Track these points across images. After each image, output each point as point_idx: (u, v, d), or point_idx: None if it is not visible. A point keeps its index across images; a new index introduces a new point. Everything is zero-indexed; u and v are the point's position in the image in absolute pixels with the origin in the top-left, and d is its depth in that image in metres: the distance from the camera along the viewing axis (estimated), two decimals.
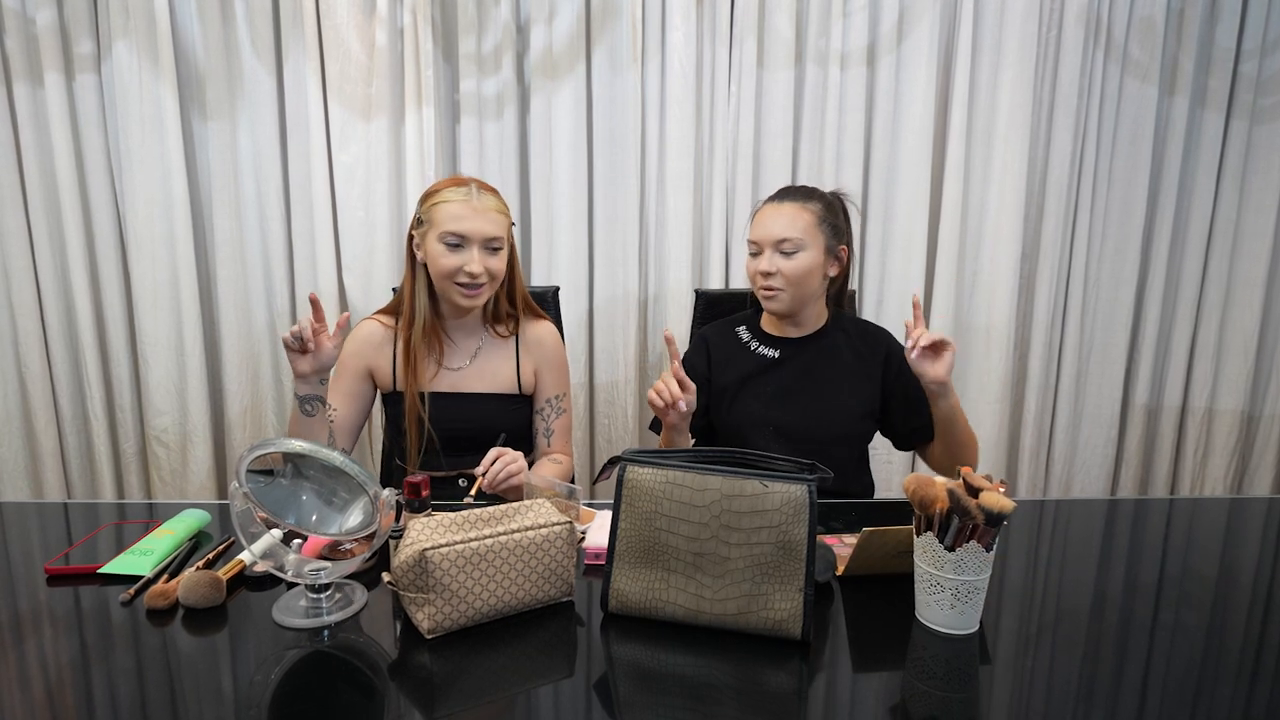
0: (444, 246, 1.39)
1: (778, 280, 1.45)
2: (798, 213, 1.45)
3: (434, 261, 1.41)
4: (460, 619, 0.94)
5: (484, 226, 1.39)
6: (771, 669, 0.88)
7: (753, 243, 1.48)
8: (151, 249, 2.12)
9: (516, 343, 1.54)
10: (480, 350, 1.52)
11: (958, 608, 0.93)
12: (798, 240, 1.43)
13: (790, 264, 1.44)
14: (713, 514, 0.94)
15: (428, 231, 1.41)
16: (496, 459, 1.29)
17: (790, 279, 1.45)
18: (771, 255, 1.45)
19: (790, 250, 1.44)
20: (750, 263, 1.50)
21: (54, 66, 2.03)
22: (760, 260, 1.46)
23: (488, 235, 1.40)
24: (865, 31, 2.13)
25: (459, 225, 1.38)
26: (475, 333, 1.52)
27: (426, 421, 1.46)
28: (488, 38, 2.11)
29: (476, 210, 1.39)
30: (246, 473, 0.96)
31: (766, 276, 1.46)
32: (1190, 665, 0.90)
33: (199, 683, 0.86)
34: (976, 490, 0.92)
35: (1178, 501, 1.53)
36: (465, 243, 1.39)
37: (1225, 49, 2.21)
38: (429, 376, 1.48)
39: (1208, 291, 2.36)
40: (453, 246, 1.39)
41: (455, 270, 1.39)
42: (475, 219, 1.39)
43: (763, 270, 1.46)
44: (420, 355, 1.46)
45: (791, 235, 1.43)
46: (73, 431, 2.26)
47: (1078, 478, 2.45)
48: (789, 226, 1.44)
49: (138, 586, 1.03)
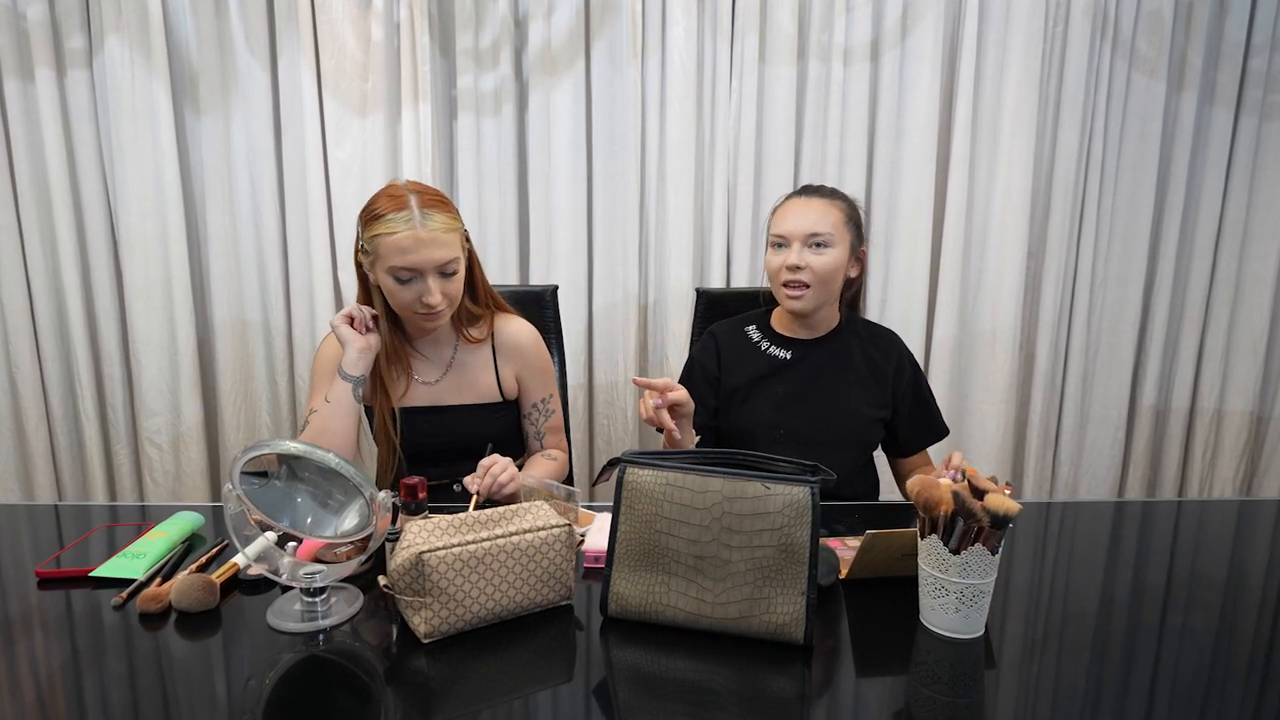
0: (394, 281, 1.30)
1: (806, 275, 1.42)
2: (828, 208, 1.43)
3: (388, 293, 1.34)
4: (458, 623, 0.94)
5: (434, 254, 1.28)
6: (773, 674, 0.88)
7: (779, 236, 1.44)
8: (144, 246, 2.12)
9: (493, 348, 1.50)
10: (454, 360, 1.47)
11: (963, 612, 0.93)
12: (828, 235, 1.41)
13: (820, 259, 1.41)
14: (714, 516, 0.93)
15: (375, 262, 1.32)
16: (486, 473, 1.27)
17: (819, 275, 1.42)
18: (801, 249, 1.41)
19: (821, 245, 1.41)
20: (774, 257, 1.45)
21: (45, 62, 2.03)
22: (788, 253, 1.42)
23: (440, 262, 1.29)
24: (869, 26, 2.13)
25: (407, 259, 1.27)
26: (447, 343, 1.48)
27: (395, 440, 1.43)
28: (485, 33, 2.11)
29: (423, 239, 1.27)
30: (241, 474, 0.96)
31: (794, 271, 1.42)
32: (1199, 670, 0.90)
33: (192, 688, 0.86)
34: (982, 492, 0.92)
35: (1186, 504, 1.53)
36: (418, 275, 1.30)
37: (1234, 44, 2.20)
38: (399, 394, 1.44)
39: (1216, 290, 2.36)
40: (404, 281, 1.30)
41: (412, 302, 1.32)
42: (424, 249, 1.27)
43: (791, 264, 1.41)
44: (388, 376, 1.42)
45: (822, 230, 1.41)
46: (64, 432, 2.25)
47: (1084, 479, 2.45)
48: (820, 220, 1.41)
49: (130, 590, 1.03)
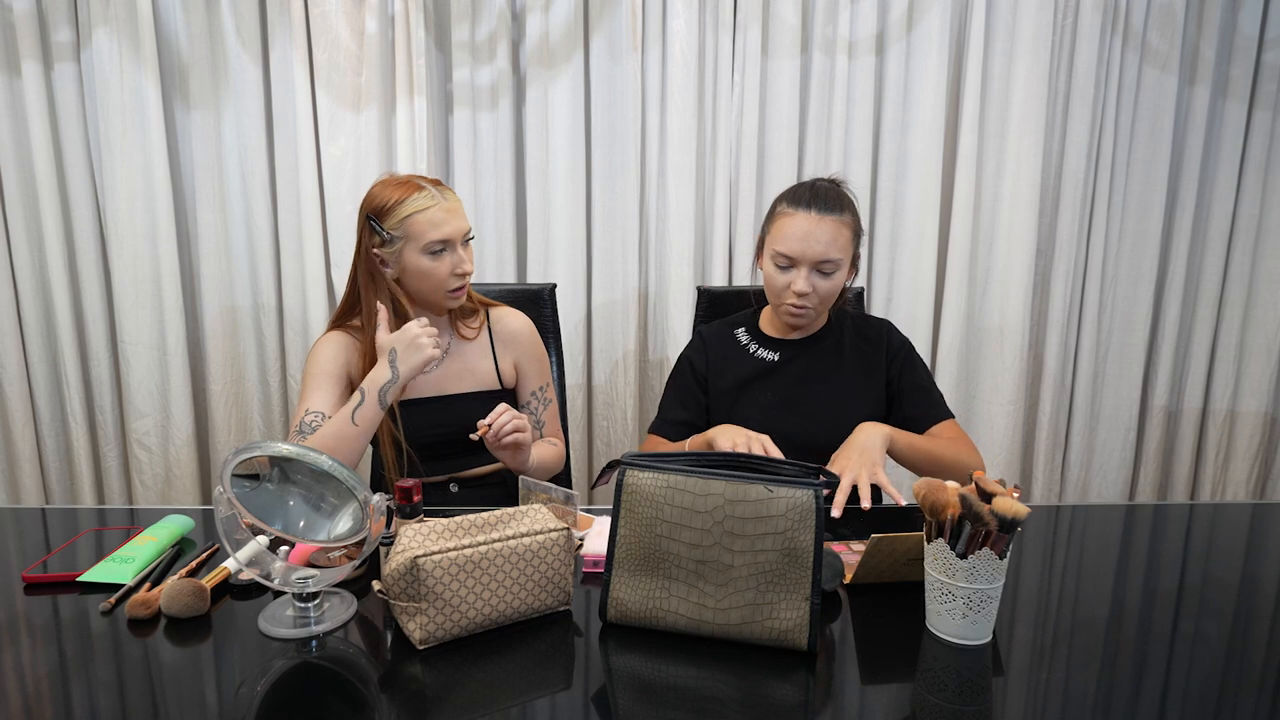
0: (429, 258, 1.38)
1: (812, 299, 1.41)
2: (839, 229, 1.39)
3: (420, 275, 1.40)
4: (453, 629, 0.94)
5: (461, 224, 1.41)
6: (777, 681, 0.88)
7: (785, 257, 1.40)
8: (133, 244, 2.12)
9: (490, 337, 1.54)
10: (450, 350, 1.51)
11: (970, 617, 0.93)
12: (838, 260, 1.39)
13: (828, 284, 1.41)
14: (715, 520, 0.94)
15: (404, 248, 1.38)
16: (504, 412, 1.31)
17: (825, 299, 1.42)
18: (810, 275, 1.40)
19: (830, 271, 1.40)
20: (778, 275, 1.42)
21: (31, 55, 2.03)
22: (794, 278, 1.40)
23: (465, 231, 1.42)
24: (874, 18, 2.13)
25: (442, 231, 1.37)
26: (442, 335, 1.50)
27: (401, 437, 1.44)
28: (482, 25, 2.11)
29: (450, 210, 1.39)
30: (232, 477, 0.96)
31: (801, 297, 1.41)
32: (1211, 677, 0.90)
33: (182, 695, 0.86)
34: (989, 495, 0.92)
35: (1198, 507, 1.53)
36: (449, 246, 1.39)
37: (1248, 37, 2.20)
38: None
39: (1230, 289, 2.36)
40: (438, 254, 1.38)
41: (446, 276, 1.40)
42: (453, 220, 1.39)
43: (799, 290, 1.40)
44: None
45: (833, 255, 1.38)
46: (51, 434, 2.25)
47: (1094, 482, 2.45)
48: (831, 245, 1.38)
49: (118, 595, 1.03)
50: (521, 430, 1.33)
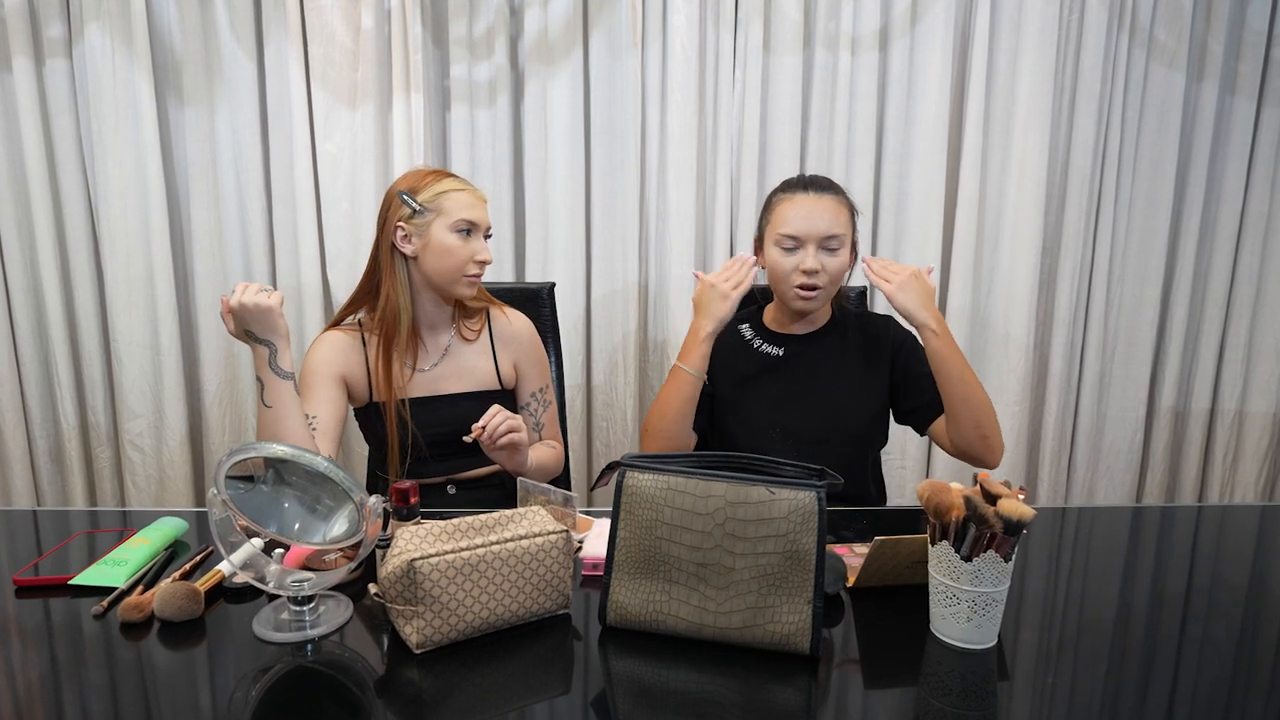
0: (457, 236, 1.42)
1: (822, 278, 1.43)
2: (838, 206, 1.44)
3: (444, 252, 1.42)
4: (451, 633, 0.94)
5: (487, 217, 1.47)
6: (779, 685, 0.88)
7: (790, 238, 1.43)
8: (125, 242, 2.12)
9: (491, 337, 1.55)
10: (450, 348, 1.52)
11: (974, 621, 0.93)
12: (842, 236, 1.43)
13: (835, 261, 1.44)
14: (716, 522, 0.94)
15: (432, 222, 1.41)
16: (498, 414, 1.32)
17: (834, 277, 1.45)
18: (817, 252, 1.43)
19: (835, 247, 1.43)
20: (785, 258, 1.45)
21: (22, 51, 2.03)
22: (803, 256, 1.43)
23: (489, 225, 1.48)
24: (877, 14, 2.13)
25: (472, 213, 1.43)
26: (444, 331, 1.53)
27: (411, 427, 1.46)
28: (479, 21, 2.11)
29: (481, 200, 1.46)
30: (226, 479, 0.96)
31: (810, 275, 1.43)
32: (1219, 681, 0.90)
33: (175, 700, 0.86)
34: (994, 497, 0.92)
35: (1206, 509, 1.53)
36: (475, 230, 1.44)
37: (1257, 32, 2.20)
38: (404, 381, 1.48)
39: (1238, 288, 2.36)
40: (465, 234, 1.43)
41: (468, 259, 1.43)
42: (482, 208, 1.46)
43: (808, 268, 1.42)
44: (400, 361, 1.46)
45: (837, 231, 1.42)
46: (42, 435, 2.25)
47: (1101, 484, 2.45)
48: (834, 221, 1.42)
49: (111, 598, 1.03)
50: (516, 431, 1.33)
